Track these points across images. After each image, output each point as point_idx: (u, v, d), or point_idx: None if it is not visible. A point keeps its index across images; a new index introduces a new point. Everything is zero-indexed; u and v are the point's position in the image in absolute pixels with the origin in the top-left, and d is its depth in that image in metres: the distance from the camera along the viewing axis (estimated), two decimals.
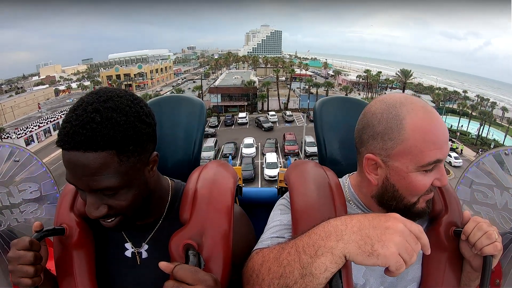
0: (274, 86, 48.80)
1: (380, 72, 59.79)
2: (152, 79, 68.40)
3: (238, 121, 41.71)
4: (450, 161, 28.26)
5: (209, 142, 29.86)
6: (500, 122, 45.16)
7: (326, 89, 48.56)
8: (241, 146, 29.98)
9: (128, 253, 0.94)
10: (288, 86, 52.17)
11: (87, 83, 67.16)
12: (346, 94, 43.77)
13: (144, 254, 0.94)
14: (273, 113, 43.29)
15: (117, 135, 0.71)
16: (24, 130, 36.45)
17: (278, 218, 0.96)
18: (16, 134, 34.40)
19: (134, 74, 65.65)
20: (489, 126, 40.30)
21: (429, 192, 0.85)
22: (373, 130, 0.83)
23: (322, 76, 67.85)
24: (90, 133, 0.69)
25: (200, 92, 49.85)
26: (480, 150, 32.38)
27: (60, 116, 41.06)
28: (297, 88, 52.09)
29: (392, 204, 0.86)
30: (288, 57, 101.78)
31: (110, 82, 59.15)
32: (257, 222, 1.13)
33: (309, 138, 28.40)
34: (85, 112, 0.70)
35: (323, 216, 0.76)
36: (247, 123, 41.29)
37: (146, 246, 0.94)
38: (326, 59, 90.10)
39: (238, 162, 26.39)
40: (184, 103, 1.32)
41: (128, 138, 0.74)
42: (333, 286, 0.67)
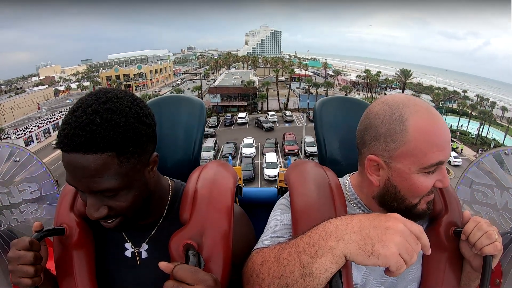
0: (274, 86, 48.77)
1: (380, 72, 59.77)
2: (152, 80, 68.39)
3: (238, 121, 41.59)
4: (450, 161, 28.18)
5: (209, 142, 29.78)
6: (500, 122, 45.19)
7: (326, 89, 48.60)
8: (241, 146, 29.94)
9: (128, 253, 0.94)
10: (288, 86, 52.13)
11: (87, 84, 67.10)
12: (346, 94, 43.79)
13: (144, 254, 0.94)
14: (273, 113, 43.19)
15: (117, 137, 0.71)
16: (24, 131, 36.39)
17: (278, 218, 0.96)
18: (16, 135, 34.36)
19: (134, 75, 65.73)
20: (489, 126, 40.32)
21: (430, 194, 0.85)
22: (376, 131, 0.83)
23: (322, 76, 67.80)
24: (90, 135, 0.69)
25: (200, 92, 49.83)
26: (480, 150, 32.42)
27: (60, 117, 41.04)
28: (297, 88, 52.05)
29: (394, 205, 0.86)
30: (288, 58, 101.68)
31: (110, 83, 59.28)
32: (257, 222, 1.13)
33: (309, 138, 28.38)
34: (85, 114, 0.70)
35: (323, 216, 0.76)
36: (247, 123, 41.20)
37: (146, 246, 0.94)
38: (326, 59, 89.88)
39: (238, 162, 26.36)
40: (184, 103, 1.32)
41: (128, 140, 0.73)
42: (333, 286, 0.66)
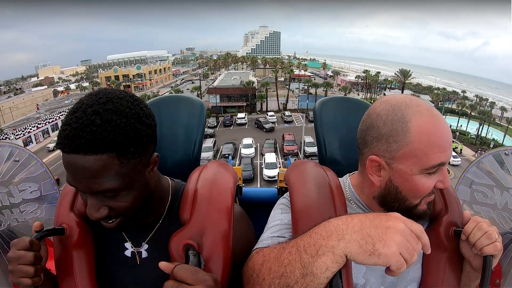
0: (273, 87, 48.80)
1: (379, 73, 59.87)
2: (151, 80, 68.37)
3: (237, 122, 41.60)
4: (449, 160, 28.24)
5: (208, 143, 29.74)
6: (499, 122, 45.26)
7: (325, 90, 48.63)
8: (240, 147, 29.94)
9: (128, 253, 0.94)
10: (287, 87, 52.16)
11: (86, 84, 67.14)
12: (345, 94, 43.80)
13: (144, 254, 0.94)
14: (272, 114, 43.21)
15: (118, 138, 0.71)
16: (23, 131, 36.37)
17: (279, 218, 0.96)
18: (14, 135, 34.31)
19: (133, 75, 65.78)
20: (488, 126, 40.37)
21: (431, 194, 0.85)
22: (378, 132, 0.83)
23: (321, 77, 67.92)
24: (90, 136, 0.68)
25: (199, 93, 49.83)
26: (479, 150, 32.44)
27: (59, 117, 41.10)
28: (296, 89, 52.09)
29: (394, 206, 0.86)
30: (287, 58, 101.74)
31: (109, 83, 59.24)
32: (257, 222, 1.13)
33: (308, 139, 28.39)
34: (85, 115, 0.70)
35: (323, 216, 0.76)
36: (246, 124, 41.20)
37: (146, 246, 0.94)
38: (325, 60, 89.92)
39: (237, 163, 26.34)
40: (184, 103, 1.32)
41: (129, 140, 0.73)
42: (334, 286, 0.66)
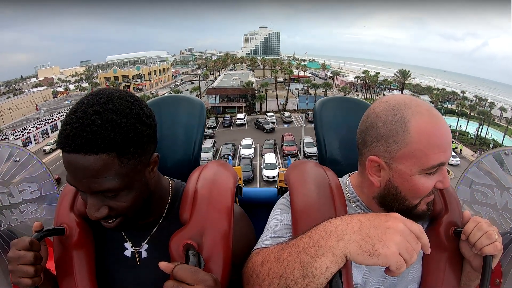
0: (272, 87, 48.81)
1: (378, 73, 59.88)
2: (150, 81, 68.32)
3: (237, 122, 41.56)
4: None
5: (207, 143, 29.72)
6: (499, 122, 45.32)
7: (325, 90, 48.65)
8: (240, 147, 29.92)
9: (128, 253, 0.94)
10: (287, 87, 52.17)
11: (85, 85, 67.02)
12: (345, 95, 43.78)
13: (144, 254, 0.94)
14: (272, 114, 43.18)
15: (118, 138, 0.71)
16: (22, 132, 36.32)
17: (278, 218, 0.96)
18: (14, 136, 34.27)
19: (132, 76, 65.67)
20: (488, 126, 40.40)
21: (431, 194, 0.85)
22: (377, 132, 0.83)
23: (320, 78, 67.81)
24: (91, 136, 0.69)
25: (198, 93, 49.83)
26: (479, 150, 32.45)
27: (58, 118, 41.09)
28: (296, 89, 52.11)
29: (394, 206, 0.86)
30: (287, 59, 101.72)
31: (108, 84, 59.18)
32: (257, 222, 1.13)
33: (308, 139, 28.40)
34: (85, 114, 0.70)
35: (323, 216, 0.76)
36: (246, 124, 41.16)
37: (146, 246, 0.94)
38: (324, 61, 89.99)
39: (237, 163, 26.34)
40: (184, 103, 1.32)
41: (129, 140, 0.73)
42: (333, 286, 0.66)
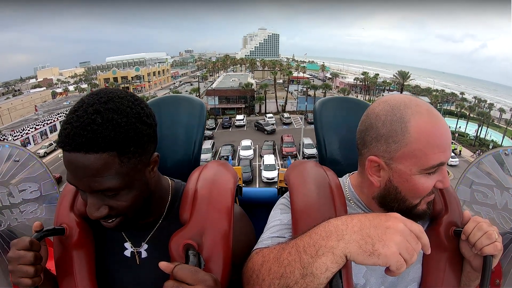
0: (272, 89, 48.88)
1: (378, 75, 59.99)
2: (149, 82, 68.31)
3: (236, 124, 41.54)
4: None
5: (207, 144, 29.65)
6: (498, 123, 45.39)
7: (324, 91, 48.68)
8: (239, 149, 29.90)
9: (128, 253, 0.94)
10: (286, 89, 52.20)
11: (85, 86, 67.00)
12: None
13: (144, 254, 0.94)
14: (271, 116, 43.17)
15: (118, 137, 0.71)
16: (21, 132, 36.26)
17: (278, 218, 0.96)
18: (13, 136, 34.21)
19: (132, 77, 65.72)
20: (487, 127, 40.46)
21: (431, 194, 0.85)
22: (377, 132, 0.83)
23: (320, 79, 67.84)
24: (91, 135, 0.69)
25: (198, 95, 49.82)
26: (478, 151, 32.49)
27: (57, 119, 41.04)
28: (295, 91, 52.15)
29: (394, 206, 0.86)
30: (286, 60, 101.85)
31: (108, 85, 59.20)
32: (257, 222, 1.12)
33: (307, 140, 28.44)
34: (86, 114, 0.70)
35: (323, 216, 0.76)
36: (245, 126, 41.14)
37: (146, 246, 0.94)
38: (324, 62, 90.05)
39: (236, 164, 26.32)
40: (184, 103, 1.32)
41: (129, 140, 0.73)
42: (334, 286, 0.66)
